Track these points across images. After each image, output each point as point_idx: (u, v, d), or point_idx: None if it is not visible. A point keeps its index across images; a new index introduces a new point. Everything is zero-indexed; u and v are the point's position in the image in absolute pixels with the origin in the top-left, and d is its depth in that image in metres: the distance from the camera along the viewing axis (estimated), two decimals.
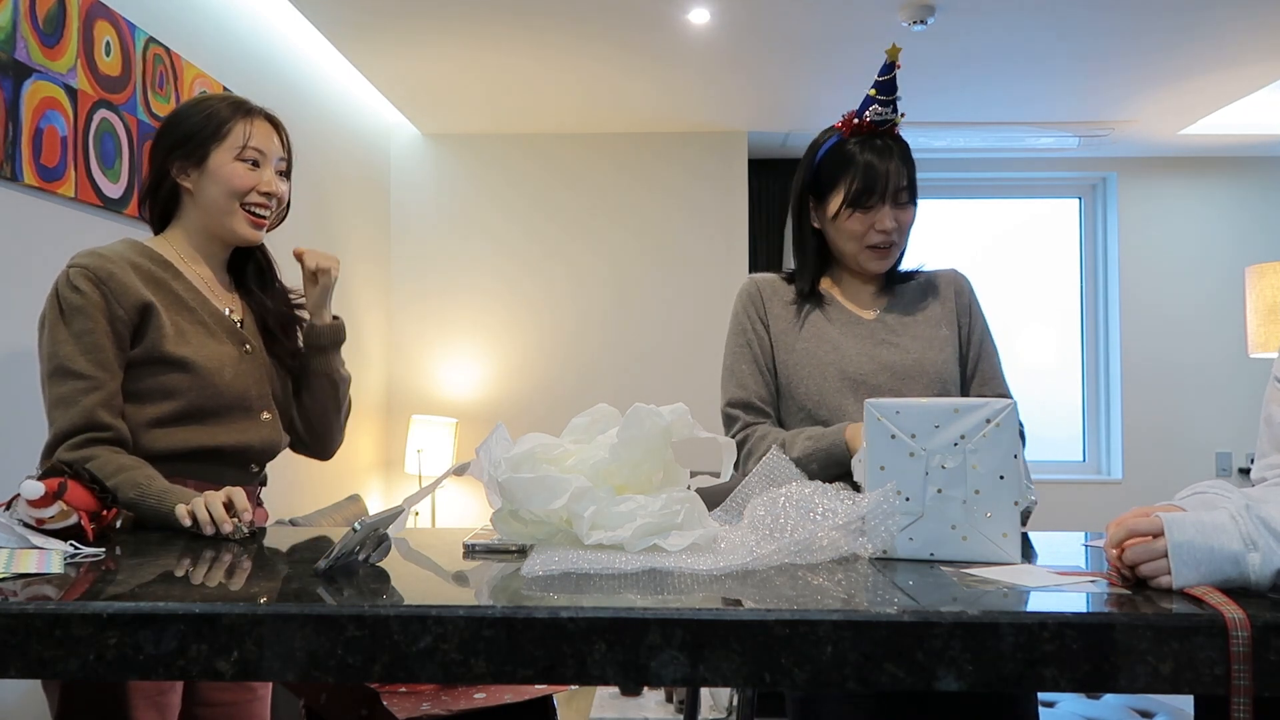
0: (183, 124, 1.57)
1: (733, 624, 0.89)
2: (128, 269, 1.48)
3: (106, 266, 1.46)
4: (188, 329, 1.53)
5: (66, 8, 2.07)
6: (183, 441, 1.50)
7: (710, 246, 4.47)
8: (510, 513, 1.23)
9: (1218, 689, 0.87)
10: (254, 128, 1.57)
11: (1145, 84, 3.71)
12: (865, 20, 3.12)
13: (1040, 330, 4.98)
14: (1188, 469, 4.69)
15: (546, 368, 4.46)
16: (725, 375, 1.75)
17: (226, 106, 1.58)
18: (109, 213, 2.23)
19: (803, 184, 1.73)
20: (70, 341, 1.42)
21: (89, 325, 1.43)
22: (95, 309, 1.43)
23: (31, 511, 1.21)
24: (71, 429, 1.41)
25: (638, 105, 4.05)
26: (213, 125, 1.55)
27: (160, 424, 1.49)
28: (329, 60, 3.58)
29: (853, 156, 1.65)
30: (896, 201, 1.66)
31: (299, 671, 0.90)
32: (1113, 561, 1.03)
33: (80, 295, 1.43)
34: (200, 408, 1.51)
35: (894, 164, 1.64)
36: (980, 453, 1.15)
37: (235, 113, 1.57)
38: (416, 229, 4.48)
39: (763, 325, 1.74)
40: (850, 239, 1.68)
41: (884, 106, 1.66)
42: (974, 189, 4.96)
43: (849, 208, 1.65)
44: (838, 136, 1.69)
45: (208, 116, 1.56)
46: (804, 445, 1.57)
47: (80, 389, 1.41)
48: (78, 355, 1.42)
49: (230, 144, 1.55)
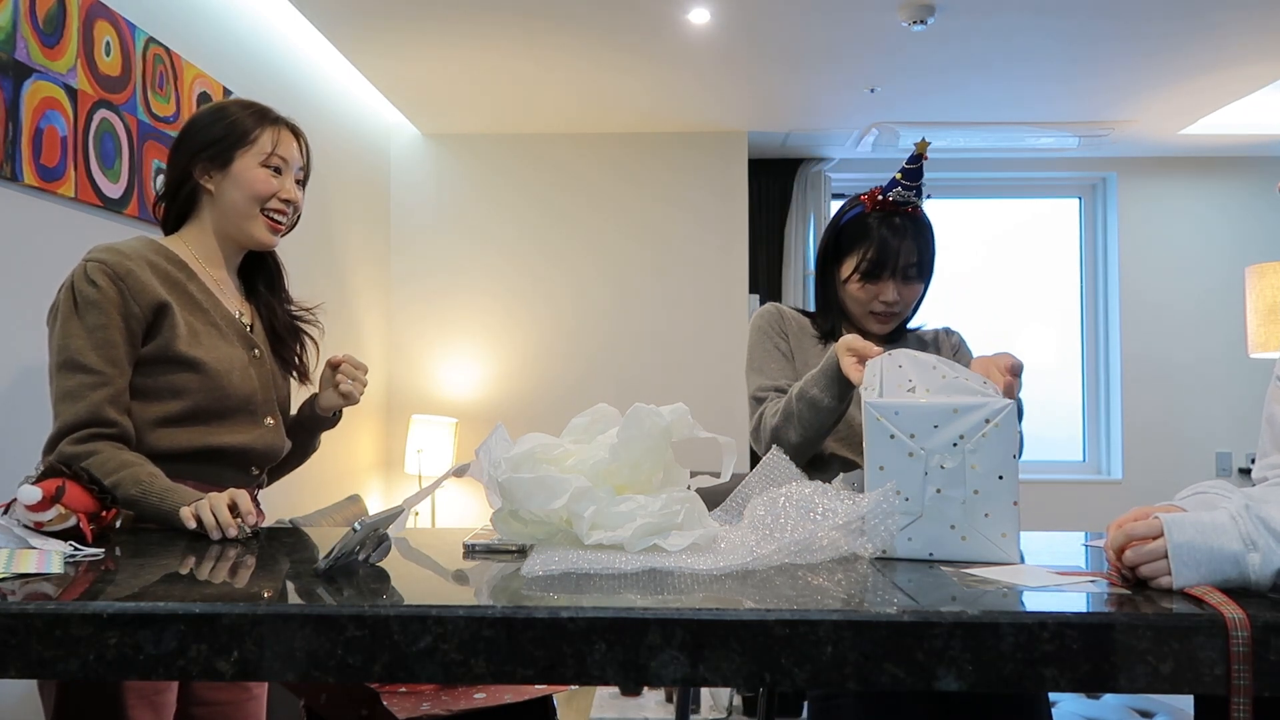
0: (211, 127, 1.58)
1: (733, 624, 0.89)
2: (145, 267, 1.49)
3: (125, 263, 1.46)
4: (200, 330, 1.53)
5: (66, 8, 2.07)
6: (187, 442, 1.50)
7: (710, 246, 4.47)
8: (510, 513, 1.23)
9: (1218, 689, 0.87)
10: (280, 136, 1.60)
11: (1145, 84, 3.71)
12: (865, 20, 3.12)
13: (1040, 330, 4.98)
14: (1188, 469, 4.69)
15: (546, 368, 4.46)
16: (750, 372, 1.84)
17: (254, 114, 1.60)
18: (109, 213, 2.23)
19: (825, 244, 1.87)
20: (82, 335, 1.42)
21: (102, 320, 1.43)
22: (110, 304, 1.43)
23: (30, 516, 1.21)
24: (76, 423, 1.41)
25: (638, 105, 4.05)
26: (240, 131, 1.57)
27: (166, 423, 1.49)
28: (329, 60, 3.58)
29: (869, 230, 1.78)
30: (905, 277, 1.79)
31: (299, 671, 0.90)
32: (1113, 563, 1.03)
33: (96, 290, 1.43)
34: (206, 409, 1.51)
35: (907, 242, 1.77)
36: (979, 453, 1.15)
37: (262, 120, 1.60)
38: (416, 229, 4.48)
39: (783, 339, 1.86)
40: (856, 303, 1.83)
41: (907, 190, 1.78)
42: (974, 189, 4.96)
43: (859, 278, 1.79)
44: (861, 208, 1.81)
45: (235, 122, 1.58)
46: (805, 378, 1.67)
47: (88, 384, 1.41)
48: (88, 350, 1.42)
49: (256, 150, 1.57)
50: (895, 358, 1.34)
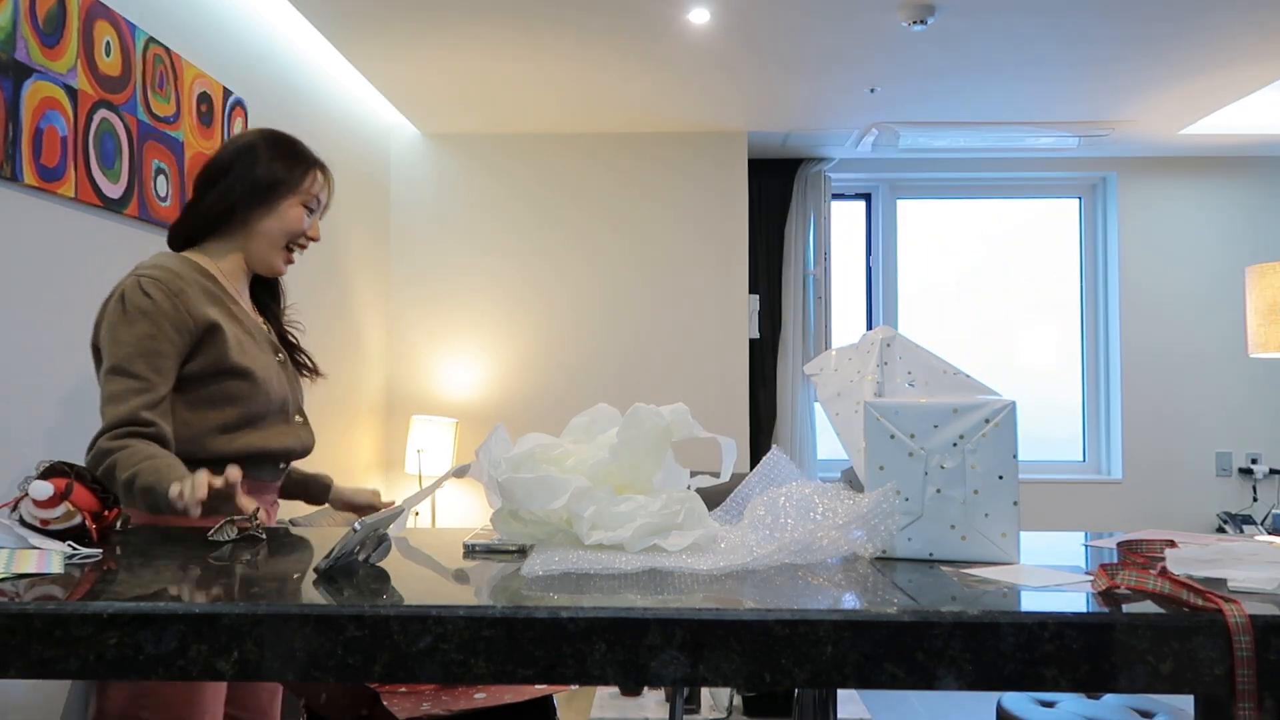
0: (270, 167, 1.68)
1: (733, 624, 0.89)
2: (194, 286, 1.59)
3: (177, 281, 1.56)
4: (244, 341, 1.64)
5: (66, 8, 2.07)
6: (245, 445, 1.61)
7: (710, 246, 4.47)
8: (510, 513, 1.23)
9: (1218, 689, 0.87)
10: (318, 177, 1.73)
11: (1145, 84, 3.72)
12: (865, 20, 3.12)
13: (1040, 330, 4.98)
14: (1188, 469, 4.70)
15: (546, 368, 4.46)
16: None
17: (305, 158, 1.72)
18: (109, 213, 2.23)
19: None
20: (132, 344, 1.51)
21: (152, 330, 1.51)
22: (162, 316, 1.52)
23: (37, 512, 1.22)
24: (117, 422, 1.48)
25: (638, 105, 4.06)
26: (296, 175, 1.69)
27: (225, 430, 1.60)
28: (329, 60, 3.58)
29: None
30: None
31: (299, 671, 0.90)
32: None
33: (151, 301, 1.52)
34: (256, 414, 1.63)
35: None
36: (979, 453, 1.15)
37: (307, 164, 1.72)
38: (416, 229, 4.48)
39: None
40: None
41: None
42: (974, 189, 4.96)
43: None
44: None
45: (291, 166, 1.69)
46: None
47: (133, 389, 1.49)
48: (136, 358, 1.50)
49: (302, 190, 1.70)
50: (894, 349, 1.34)
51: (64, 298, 2.08)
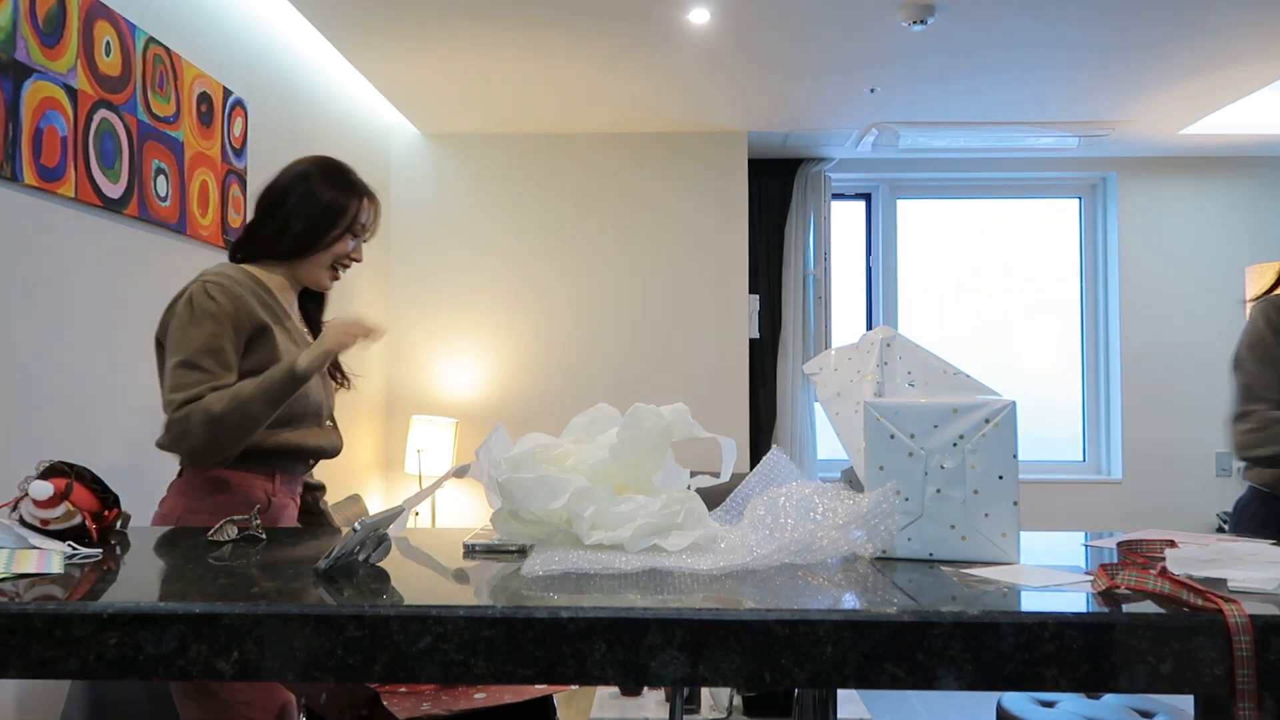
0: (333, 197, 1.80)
1: (733, 624, 0.89)
2: (250, 293, 1.74)
3: (236, 288, 1.71)
4: (290, 346, 1.77)
5: (66, 8, 2.07)
6: (283, 442, 1.73)
7: (710, 245, 4.47)
8: (510, 513, 1.23)
9: (1218, 689, 0.87)
10: (367, 206, 1.86)
11: (1145, 84, 3.72)
12: (865, 20, 3.12)
13: (1040, 330, 4.98)
14: (1188, 469, 4.69)
15: (546, 368, 4.46)
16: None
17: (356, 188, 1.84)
18: (109, 213, 2.23)
19: None
20: (199, 341, 1.65)
21: (216, 330, 1.66)
22: (225, 317, 1.67)
23: (37, 512, 1.22)
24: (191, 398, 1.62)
25: (638, 105, 4.05)
26: (353, 209, 1.82)
27: (271, 425, 1.71)
28: (329, 60, 3.58)
29: None
30: None
31: (299, 671, 0.90)
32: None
33: (215, 304, 1.67)
34: (295, 415, 1.75)
35: None
36: (979, 453, 1.15)
37: (361, 193, 1.85)
38: (416, 229, 4.48)
39: None
40: None
41: None
42: (974, 189, 4.96)
43: None
44: None
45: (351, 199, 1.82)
46: None
47: (199, 379, 1.64)
48: (203, 354, 1.65)
49: (349, 217, 1.83)
50: (894, 348, 1.34)
51: (64, 298, 2.08)
